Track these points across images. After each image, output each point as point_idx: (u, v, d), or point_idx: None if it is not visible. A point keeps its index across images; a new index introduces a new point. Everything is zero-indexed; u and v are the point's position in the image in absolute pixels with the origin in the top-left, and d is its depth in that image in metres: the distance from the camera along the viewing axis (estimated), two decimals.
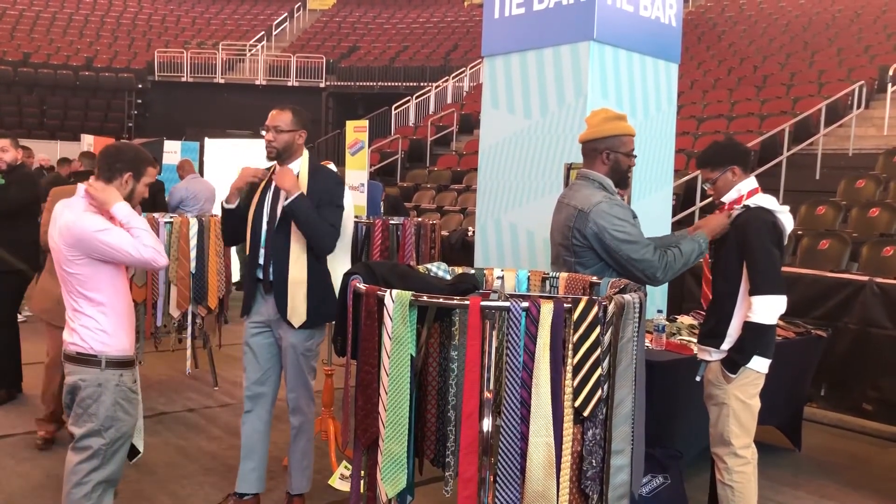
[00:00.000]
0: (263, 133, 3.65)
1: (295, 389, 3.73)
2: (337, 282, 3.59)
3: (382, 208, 9.05)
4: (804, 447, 5.08)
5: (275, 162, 3.71)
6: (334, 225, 3.64)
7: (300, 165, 3.67)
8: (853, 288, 5.66)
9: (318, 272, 3.67)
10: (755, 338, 3.25)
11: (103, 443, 2.96)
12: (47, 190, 8.79)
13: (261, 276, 3.69)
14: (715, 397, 3.38)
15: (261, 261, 3.69)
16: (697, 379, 3.52)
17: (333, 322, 4.31)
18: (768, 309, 3.20)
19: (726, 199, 3.38)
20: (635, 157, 3.43)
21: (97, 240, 2.86)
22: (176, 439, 4.91)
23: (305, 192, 3.56)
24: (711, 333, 3.41)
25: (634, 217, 3.30)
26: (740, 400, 3.31)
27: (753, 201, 3.33)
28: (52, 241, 2.97)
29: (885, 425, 5.39)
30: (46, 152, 17.56)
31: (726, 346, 3.32)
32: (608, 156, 3.32)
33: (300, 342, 3.67)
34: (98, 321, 2.94)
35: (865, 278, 5.70)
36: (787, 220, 3.35)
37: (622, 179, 3.41)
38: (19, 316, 6.59)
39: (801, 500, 4.30)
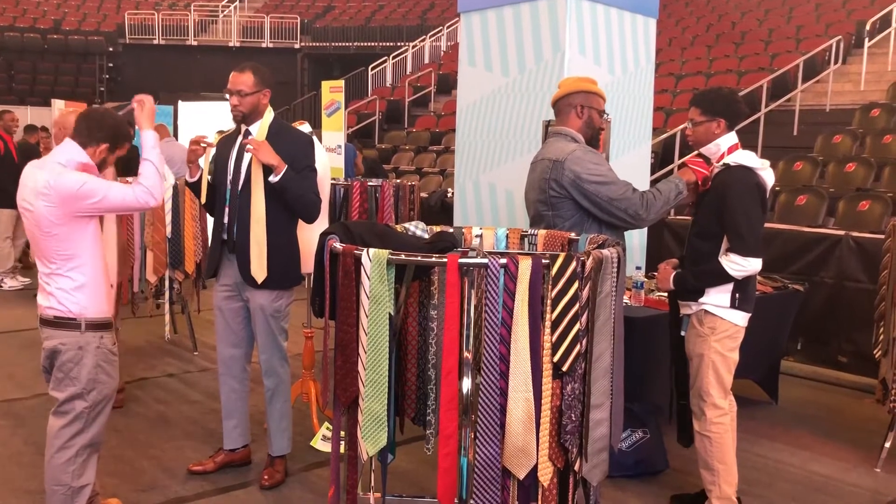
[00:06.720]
0: (227, 97, 3.59)
1: (266, 351, 3.72)
2: (314, 242, 3.57)
3: (355, 171, 8.89)
4: (781, 400, 5.15)
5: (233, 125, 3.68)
6: (317, 193, 3.63)
7: (264, 124, 3.61)
8: (830, 242, 5.71)
9: (286, 234, 3.64)
10: (715, 277, 3.26)
11: (86, 406, 2.95)
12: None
13: (226, 236, 3.67)
14: (695, 349, 3.41)
15: (225, 220, 3.65)
16: (682, 333, 3.54)
17: (306, 284, 4.34)
18: (741, 267, 3.21)
19: (704, 150, 3.36)
20: (607, 115, 3.49)
21: (81, 193, 2.81)
22: (156, 404, 4.89)
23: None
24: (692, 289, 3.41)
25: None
26: (719, 353, 3.33)
27: (733, 159, 3.27)
28: (24, 204, 2.89)
29: (860, 377, 5.47)
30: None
31: (704, 299, 3.34)
32: (582, 109, 3.42)
33: (268, 303, 3.65)
34: (77, 283, 2.90)
35: (842, 233, 5.75)
36: (768, 177, 3.32)
37: (594, 138, 3.48)
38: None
39: (778, 452, 4.38)
